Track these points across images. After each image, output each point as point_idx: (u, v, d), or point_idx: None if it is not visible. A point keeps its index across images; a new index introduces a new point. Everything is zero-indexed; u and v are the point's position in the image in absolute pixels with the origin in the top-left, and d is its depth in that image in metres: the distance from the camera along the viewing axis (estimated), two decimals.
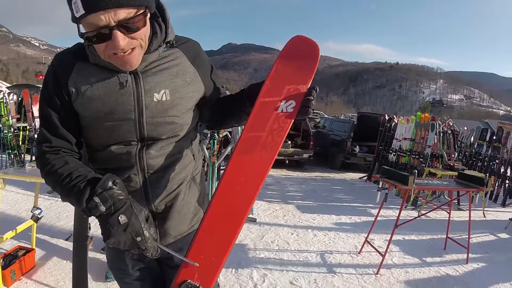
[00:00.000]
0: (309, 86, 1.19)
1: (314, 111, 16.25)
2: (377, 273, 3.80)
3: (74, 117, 1.18)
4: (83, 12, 0.95)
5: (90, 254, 2.81)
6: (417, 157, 7.64)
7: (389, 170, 4.18)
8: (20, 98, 9.09)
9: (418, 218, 4.84)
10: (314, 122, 14.87)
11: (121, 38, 1.00)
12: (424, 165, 7.34)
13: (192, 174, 1.39)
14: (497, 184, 7.53)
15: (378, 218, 4.22)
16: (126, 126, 1.18)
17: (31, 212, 3.49)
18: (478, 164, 8.01)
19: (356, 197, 7.52)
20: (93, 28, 0.98)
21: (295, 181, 9.08)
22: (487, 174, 3.93)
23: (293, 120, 1.17)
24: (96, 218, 1.03)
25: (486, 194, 6.90)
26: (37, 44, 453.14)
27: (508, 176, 7.41)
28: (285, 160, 10.35)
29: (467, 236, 4.25)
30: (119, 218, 0.98)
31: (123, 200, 1.02)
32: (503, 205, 7.33)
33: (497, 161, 7.68)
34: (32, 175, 3.25)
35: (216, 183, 5.29)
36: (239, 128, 5.37)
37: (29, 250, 3.50)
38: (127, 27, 1.00)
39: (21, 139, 8.09)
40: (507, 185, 7.41)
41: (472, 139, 8.60)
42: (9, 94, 8.28)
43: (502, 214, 6.74)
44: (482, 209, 6.56)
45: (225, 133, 6.42)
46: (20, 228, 3.33)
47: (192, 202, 1.39)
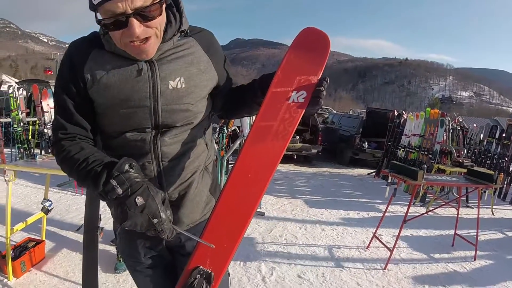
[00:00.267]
0: (320, 77, 1.21)
1: (323, 107, 16.20)
2: (384, 268, 3.80)
3: (90, 104, 1.19)
4: None
5: (100, 246, 2.84)
6: (426, 153, 7.58)
7: (398, 165, 4.15)
8: (29, 93, 9.14)
9: (426, 215, 4.82)
10: (323, 117, 14.81)
11: (137, 26, 1.01)
12: (433, 161, 7.29)
13: (205, 164, 1.40)
14: (506, 182, 7.46)
15: (386, 214, 4.21)
16: (141, 113, 1.19)
17: (41, 204, 3.52)
18: (487, 161, 7.96)
19: (364, 192, 7.50)
20: (110, 15, 1.00)
21: (303, 176, 9.08)
22: (496, 171, 3.91)
23: (304, 110, 1.18)
24: (112, 203, 1.04)
25: (495, 192, 6.85)
26: (45, 40, 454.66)
27: None
28: (293, 155, 10.34)
29: (475, 233, 4.23)
30: (136, 200, 0.98)
31: (140, 182, 1.02)
32: None
33: (506, 158, 7.62)
34: (42, 167, 3.27)
35: (225, 177, 5.31)
36: (248, 122, 5.37)
37: (39, 242, 3.53)
38: (143, 15, 1.02)
39: (30, 134, 8.15)
40: None
41: (481, 136, 8.54)
42: (18, 89, 8.32)
43: (510, 212, 6.70)
44: (490, 206, 6.50)
45: (233, 127, 6.42)
46: (30, 220, 3.36)
47: (204, 191, 1.40)
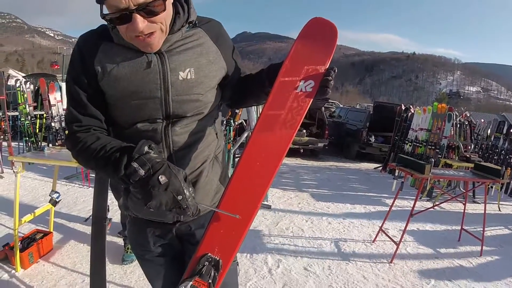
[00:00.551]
0: (327, 66, 1.21)
1: (329, 101, 16.16)
2: (391, 262, 3.80)
3: (101, 95, 1.20)
4: None
5: (107, 238, 2.85)
6: (433, 148, 7.55)
7: (405, 159, 4.13)
8: (36, 87, 9.19)
9: (433, 209, 4.81)
10: (329, 111, 14.77)
11: (140, 21, 1.02)
12: (440, 156, 7.26)
13: (215, 153, 1.41)
14: None
15: (393, 208, 4.20)
16: (152, 104, 1.20)
17: (49, 195, 3.55)
18: (495, 157, 7.89)
19: (371, 187, 7.49)
20: (114, 10, 1.01)
21: (310, 169, 9.10)
22: (503, 167, 3.90)
23: (312, 99, 1.19)
24: (136, 185, 1.03)
25: (501, 187, 6.81)
26: (51, 34, 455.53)
27: None
28: (299, 149, 10.34)
29: (482, 228, 4.21)
30: (159, 178, 0.99)
31: (161, 162, 1.03)
32: None
33: None
34: (51, 159, 3.29)
35: (231, 170, 5.32)
36: (255, 115, 5.37)
37: (46, 233, 3.56)
38: (147, 11, 1.02)
39: (38, 127, 8.21)
40: None
41: (489, 132, 8.49)
42: (25, 83, 8.37)
43: None
44: (497, 202, 6.48)
45: (240, 120, 6.42)
46: (38, 211, 3.39)
47: (214, 180, 1.41)
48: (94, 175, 3.09)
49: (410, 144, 8.27)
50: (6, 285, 2.94)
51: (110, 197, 2.33)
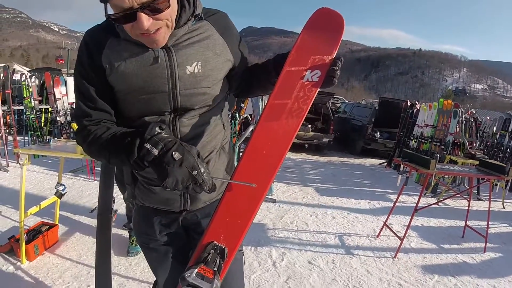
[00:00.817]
0: (334, 56, 1.21)
1: (335, 96, 16.11)
2: (394, 256, 3.80)
3: (110, 89, 1.21)
4: None
5: (112, 230, 2.86)
6: (438, 144, 7.52)
7: (410, 154, 4.13)
8: (41, 81, 9.22)
9: (437, 206, 4.80)
10: (335, 107, 14.74)
11: (145, 19, 1.01)
12: (445, 152, 7.22)
13: (221, 143, 1.42)
14: None
15: (397, 204, 4.20)
16: (161, 98, 1.20)
17: (55, 188, 3.57)
18: (500, 154, 7.85)
19: (375, 182, 7.47)
20: (118, 9, 1.00)
21: (315, 164, 9.08)
22: (508, 164, 3.89)
23: (318, 89, 1.19)
24: (153, 164, 1.04)
25: (506, 185, 6.79)
26: (56, 29, 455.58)
27: None
28: (304, 144, 10.33)
29: (486, 225, 4.21)
30: (173, 154, 1.00)
31: (173, 140, 1.05)
32: None
33: None
34: (56, 151, 3.31)
35: (236, 164, 5.33)
36: (260, 109, 5.37)
37: (52, 226, 3.58)
38: (151, 9, 1.02)
39: (43, 121, 8.23)
40: None
41: (494, 129, 8.45)
42: (31, 77, 8.40)
43: None
44: (501, 200, 6.45)
45: (245, 114, 6.42)
46: (44, 203, 3.41)
47: (221, 170, 1.42)
48: (99, 169, 3.11)
49: (416, 140, 8.23)
50: (11, 277, 2.96)
51: (116, 189, 2.34)
